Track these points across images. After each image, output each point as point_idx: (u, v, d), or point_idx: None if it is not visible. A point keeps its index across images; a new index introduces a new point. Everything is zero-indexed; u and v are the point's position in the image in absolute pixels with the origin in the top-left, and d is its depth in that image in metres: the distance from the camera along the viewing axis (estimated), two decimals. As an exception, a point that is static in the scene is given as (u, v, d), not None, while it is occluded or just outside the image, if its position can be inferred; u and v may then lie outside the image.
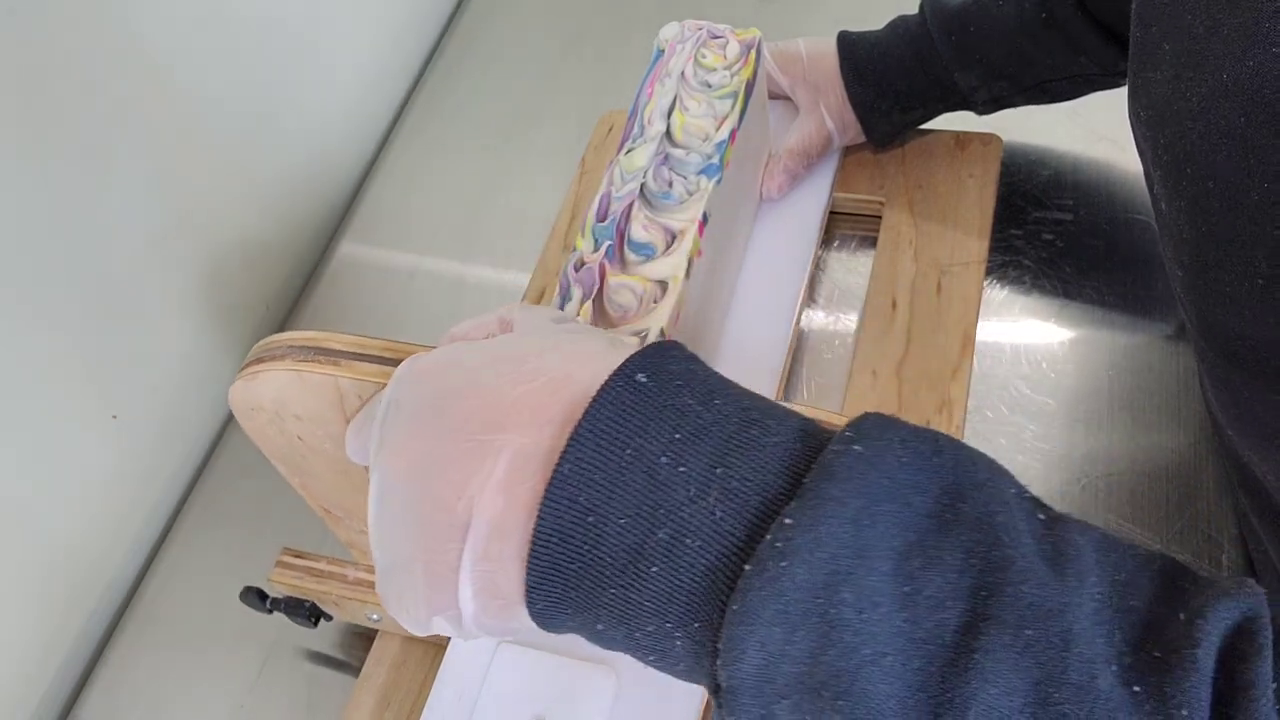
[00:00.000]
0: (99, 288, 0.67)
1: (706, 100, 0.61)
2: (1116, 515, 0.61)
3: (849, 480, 0.29)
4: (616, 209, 0.56)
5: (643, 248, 0.56)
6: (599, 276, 0.54)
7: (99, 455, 0.70)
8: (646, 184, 0.58)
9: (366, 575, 0.59)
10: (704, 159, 0.59)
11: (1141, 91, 0.43)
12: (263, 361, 0.44)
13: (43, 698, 0.68)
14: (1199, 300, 0.41)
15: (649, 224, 0.56)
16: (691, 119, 0.60)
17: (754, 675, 0.28)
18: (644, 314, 0.53)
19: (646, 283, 0.54)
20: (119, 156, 0.67)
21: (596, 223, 0.56)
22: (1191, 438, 0.63)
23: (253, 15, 0.78)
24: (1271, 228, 0.35)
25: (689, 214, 0.57)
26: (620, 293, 0.54)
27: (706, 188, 0.58)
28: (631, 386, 0.31)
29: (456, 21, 1.01)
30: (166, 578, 0.72)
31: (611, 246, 0.55)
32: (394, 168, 0.91)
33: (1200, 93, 0.38)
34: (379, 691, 0.61)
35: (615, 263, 0.55)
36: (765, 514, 0.29)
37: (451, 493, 0.32)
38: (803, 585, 0.28)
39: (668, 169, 0.59)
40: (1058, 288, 0.71)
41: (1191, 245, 0.40)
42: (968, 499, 0.30)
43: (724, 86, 0.61)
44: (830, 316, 0.73)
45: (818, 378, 0.70)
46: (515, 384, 0.32)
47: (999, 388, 0.67)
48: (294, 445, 0.48)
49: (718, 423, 0.31)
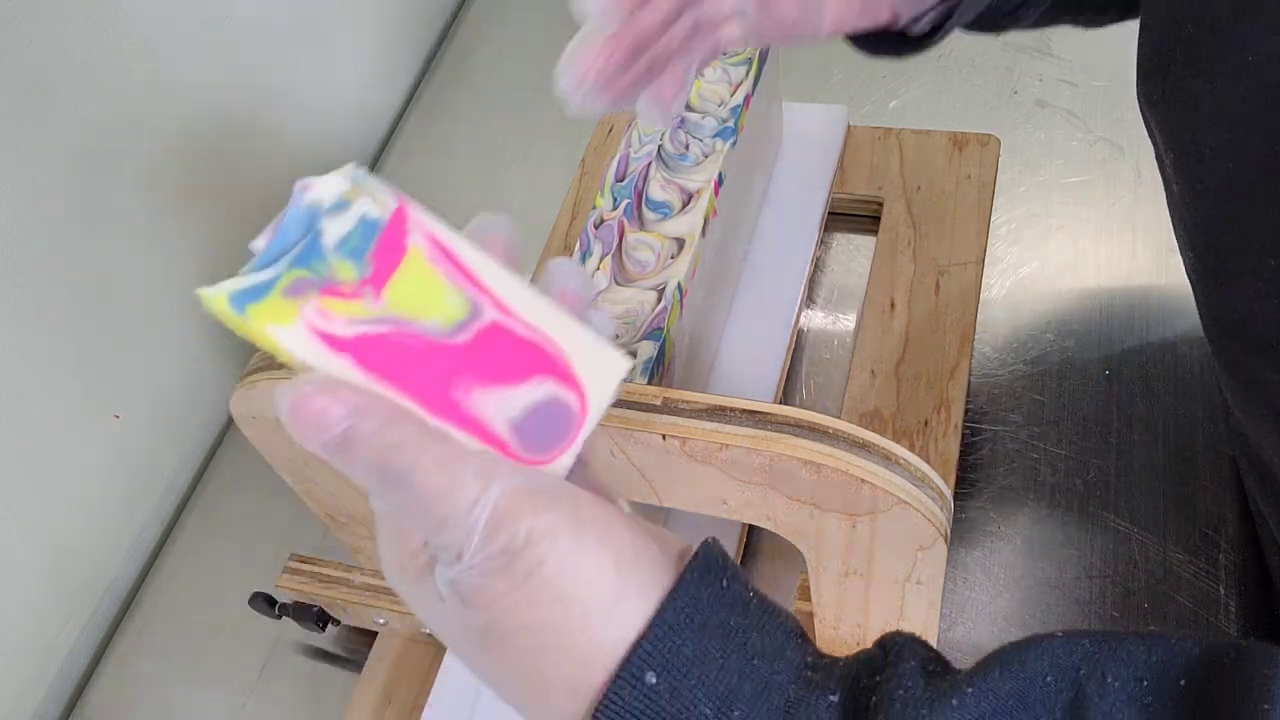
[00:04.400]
0: (100, 288, 0.68)
1: (722, 66, 0.64)
2: (1116, 515, 0.62)
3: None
4: (635, 169, 0.59)
5: (660, 206, 0.58)
6: (618, 233, 0.56)
7: (100, 455, 0.70)
8: (664, 146, 0.60)
9: (372, 580, 0.60)
10: (719, 123, 0.61)
11: (1156, 75, 0.42)
12: (262, 370, 0.44)
13: (44, 698, 0.69)
14: (1209, 282, 0.41)
15: (666, 184, 0.59)
16: (707, 84, 0.63)
17: None
18: (661, 269, 0.55)
19: (664, 240, 0.56)
20: (119, 156, 0.67)
21: (615, 182, 0.59)
22: (1192, 438, 0.64)
23: (254, 16, 0.78)
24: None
25: (705, 175, 0.59)
26: (639, 249, 0.56)
27: (722, 150, 0.60)
28: (640, 694, 0.29)
29: (457, 23, 1.01)
30: (168, 578, 0.73)
31: (630, 205, 0.58)
32: (394, 169, 0.91)
33: (1222, 75, 0.37)
34: (380, 690, 0.61)
35: (634, 221, 0.58)
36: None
37: None
38: None
39: (684, 132, 0.61)
40: (1056, 288, 0.71)
41: (1204, 228, 0.40)
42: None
43: (739, 53, 0.64)
44: (829, 316, 0.73)
45: (817, 378, 0.70)
46: (527, 675, 0.31)
47: (997, 388, 0.68)
48: (296, 453, 0.48)
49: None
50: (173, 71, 0.71)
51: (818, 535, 0.43)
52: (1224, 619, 0.58)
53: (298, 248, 0.33)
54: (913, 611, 0.46)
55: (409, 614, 0.59)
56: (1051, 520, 0.62)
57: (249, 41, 0.78)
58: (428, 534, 0.30)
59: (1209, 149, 0.39)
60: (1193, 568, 0.59)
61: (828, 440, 0.39)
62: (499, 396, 0.33)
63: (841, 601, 0.47)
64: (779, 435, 0.40)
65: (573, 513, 0.30)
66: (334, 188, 0.33)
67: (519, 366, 0.33)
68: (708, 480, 0.42)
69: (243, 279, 0.33)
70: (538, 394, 0.33)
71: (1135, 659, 0.30)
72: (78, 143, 0.64)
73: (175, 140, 0.72)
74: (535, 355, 0.33)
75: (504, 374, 0.33)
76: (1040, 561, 0.61)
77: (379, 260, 0.33)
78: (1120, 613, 0.59)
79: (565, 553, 0.30)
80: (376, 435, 0.29)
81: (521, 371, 0.33)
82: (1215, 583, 0.59)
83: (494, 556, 0.29)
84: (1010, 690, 0.30)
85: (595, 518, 0.31)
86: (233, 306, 0.32)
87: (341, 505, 0.52)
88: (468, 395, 0.32)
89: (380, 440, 0.29)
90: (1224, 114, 0.37)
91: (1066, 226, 0.74)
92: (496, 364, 0.33)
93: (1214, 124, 0.38)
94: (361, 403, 0.30)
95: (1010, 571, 0.61)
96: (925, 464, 0.40)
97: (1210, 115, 0.38)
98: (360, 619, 0.62)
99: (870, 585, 0.45)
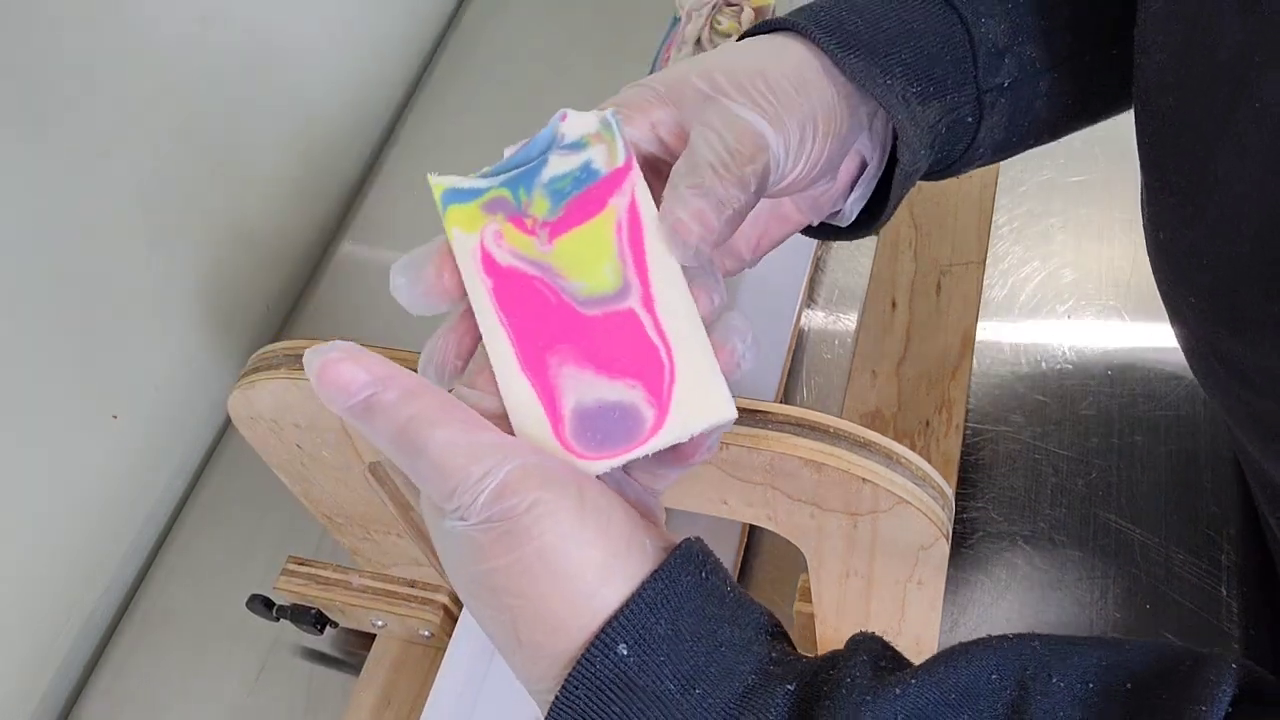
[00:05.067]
0: (99, 287, 0.67)
1: None
2: (1118, 515, 0.61)
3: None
4: None
5: None
6: None
7: (99, 455, 0.70)
8: None
9: (371, 582, 0.60)
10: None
11: (1159, 115, 0.40)
12: (260, 371, 0.44)
13: (42, 698, 0.68)
14: (1208, 321, 0.41)
15: None
16: None
17: None
18: None
19: None
20: (119, 156, 0.67)
21: None
22: (1194, 438, 0.63)
23: (253, 14, 0.78)
24: None
25: None
26: None
27: None
28: (610, 663, 0.31)
29: (457, 21, 1.01)
30: (167, 578, 0.72)
31: None
32: (394, 168, 0.91)
33: (1238, 120, 0.36)
34: (379, 691, 0.61)
35: None
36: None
37: None
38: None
39: None
40: (1057, 287, 0.71)
41: (1214, 270, 0.39)
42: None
43: None
44: (830, 316, 0.73)
45: (817, 377, 0.70)
46: (514, 628, 0.32)
47: (999, 388, 0.67)
48: (294, 453, 0.48)
49: (696, 715, 0.30)
50: (172, 72, 0.71)
51: (819, 535, 0.43)
52: (1226, 619, 0.58)
53: (520, 170, 0.35)
54: (914, 612, 0.46)
55: (407, 616, 0.59)
56: (1053, 520, 0.62)
57: (248, 42, 0.78)
58: (437, 499, 0.32)
59: (1223, 191, 0.37)
60: (1195, 568, 0.59)
61: (829, 439, 0.39)
62: (586, 380, 0.33)
63: (842, 602, 0.47)
64: (780, 434, 0.39)
65: (578, 496, 0.32)
66: (580, 126, 0.35)
67: (623, 363, 0.33)
68: (708, 480, 0.42)
69: (464, 180, 0.35)
70: (619, 395, 0.33)
71: (1085, 661, 0.31)
72: (78, 142, 0.64)
73: (175, 140, 0.72)
74: (646, 360, 0.33)
75: (605, 362, 0.33)
76: (1042, 562, 0.61)
77: (572, 209, 0.34)
78: (1122, 613, 0.58)
79: (564, 530, 0.31)
80: (396, 406, 0.31)
81: (622, 368, 0.33)
82: (1217, 583, 0.59)
83: (494, 520, 0.31)
84: (954, 684, 0.31)
85: (597, 505, 0.32)
86: (442, 199, 0.35)
87: (339, 506, 0.52)
88: (560, 364, 0.33)
89: (400, 411, 0.31)
90: (1240, 157, 0.36)
91: (1069, 226, 0.74)
92: (605, 350, 0.33)
93: (1230, 168, 0.37)
94: (385, 373, 0.31)
95: (1012, 572, 0.61)
96: (927, 463, 0.40)
97: (1223, 159, 0.37)
98: (358, 621, 0.62)
99: (871, 585, 0.45)
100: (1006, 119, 0.46)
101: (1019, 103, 0.46)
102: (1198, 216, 0.39)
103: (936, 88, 0.43)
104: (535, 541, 0.31)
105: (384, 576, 0.60)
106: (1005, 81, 0.45)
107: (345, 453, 0.47)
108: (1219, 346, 0.41)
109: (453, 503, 0.31)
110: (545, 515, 0.31)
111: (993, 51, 0.44)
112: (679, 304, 0.33)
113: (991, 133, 0.46)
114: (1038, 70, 0.46)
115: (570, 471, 0.32)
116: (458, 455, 0.31)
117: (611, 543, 0.32)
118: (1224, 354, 0.41)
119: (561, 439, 0.33)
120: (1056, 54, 0.46)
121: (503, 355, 0.34)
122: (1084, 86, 0.48)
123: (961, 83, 0.44)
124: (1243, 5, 0.35)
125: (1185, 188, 0.39)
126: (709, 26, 0.63)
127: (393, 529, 0.54)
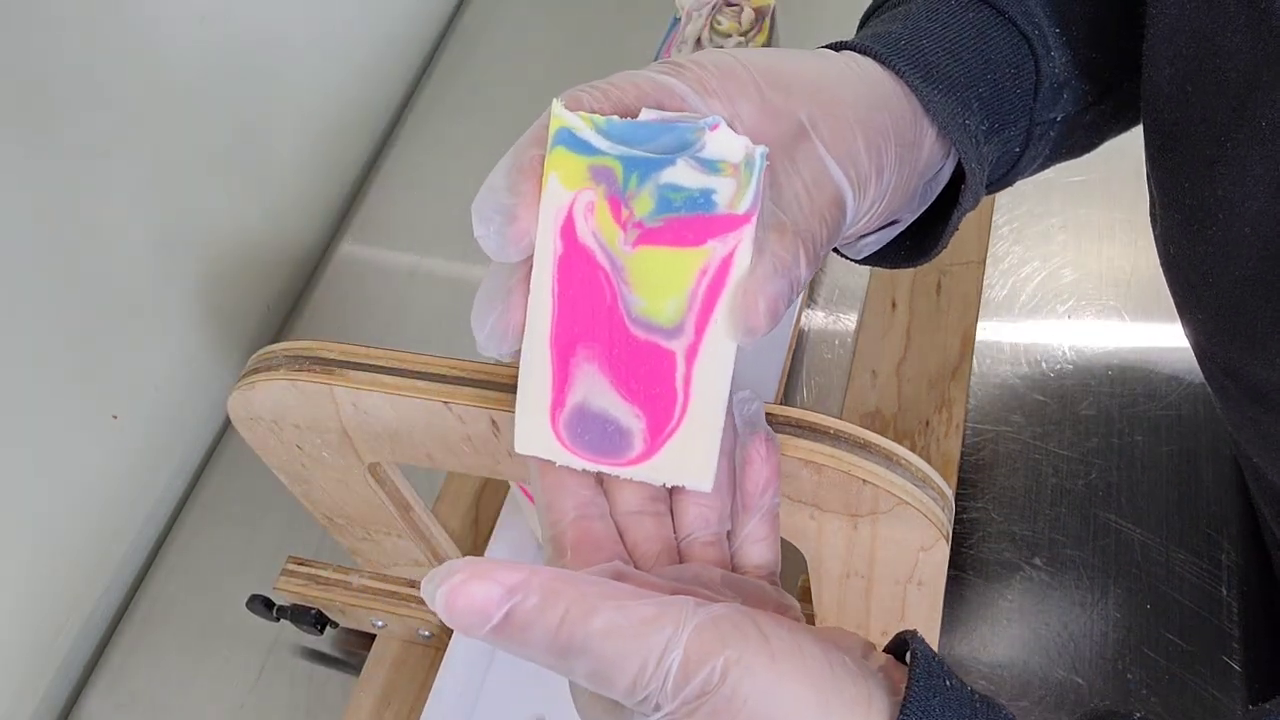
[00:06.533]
0: (99, 287, 0.67)
1: None
2: (1118, 516, 0.61)
3: None
4: None
5: None
6: None
7: (99, 455, 0.70)
8: None
9: (370, 582, 0.60)
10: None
11: (1169, 146, 0.40)
12: (259, 372, 0.44)
13: (42, 698, 0.68)
14: (1221, 338, 0.40)
15: None
16: None
17: None
18: None
19: None
20: (119, 156, 0.67)
21: None
22: (1194, 438, 0.63)
23: (253, 15, 0.78)
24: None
25: None
26: None
27: None
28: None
29: (457, 21, 1.01)
30: (166, 578, 0.72)
31: None
32: (394, 168, 0.91)
33: (1241, 143, 0.35)
34: (379, 691, 0.61)
35: None
36: None
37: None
38: None
39: None
40: (1057, 287, 0.71)
41: (1225, 291, 0.39)
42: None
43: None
44: (830, 316, 0.72)
45: (818, 377, 0.70)
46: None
47: (999, 388, 0.67)
48: (294, 454, 0.48)
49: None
50: (172, 72, 0.71)
51: (818, 536, 0.43)
52: (1226, 619, 0.58)
53: (646, 151, 0.33)
54: (914, 613, 0.46)
55: (407, 616, 0.59)
56: (1053, 520, 0.62)
57: (247, 43, 0.78)
58: (620, 695, 0.29)
59: (1233, 213, 0.37)
60: (1195, 568, 0.59)
61: (829, 440, 0.39)
62: (601, 387, 0.33)
63: (842, 603, 0.47)
64: (780, 435, 0.39)
65: (761, 640, 0.29)
66: (723, 149, 0.33)
67: (641, 392, 0.33)
68: (708, 481, 0.42)
69: (586, 127, 0.33)
70: (622, 416, 0.33)
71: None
72: (78, 143, 0.64)
73: (175, 140, 0.72)
74: (662, 402, 0.33)
75: (626, 381, 0.33)
76: (1042, 562, 0.61)
77: (671, 226, 0.32)
78: (1122, 614, 0.58)
79: (764, 685, 0.28)
80: (543, 611, 0.28)
81: (637, 396, 0.33)
82: (1217, 583, 0.59)
83: (690, 701, 0.28)
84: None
85: (783, 639, 0.29)
86: (557, 135, 0.33)
87: (339, 507, 0.52)
88: (586, 359, 0.33)
89: (549, 616, 0.28)
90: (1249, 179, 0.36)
91: (1069, 226, 0.74)
92: (632, 371, 0.33)
93: (1240, 189, 0.36)
94: (517, 579, 0.28)
95: (1012, 572, 0.61)
96: (927, 464, 0.40)
97: (1232, 181, 0.37)
98: (358, 621, 0.62)
99: (871, 586, 0.45)
100: (1049, 149, 0.45)
101: (1063, 132, 0.45)
102: (1202, 235, 0.38)
103: (1000, 123, 0.42)
104: (744, 710, 0.28)
105: (384, 576, 0.60)
106: (1058, 116, 0.44)
107: (345, 453, 0.47)
108: (1229, 361, 0.41)
109: (638, 694, 0.28)
110: (744, 678, 0.28)
111: (1054, 86, 0.43)
112: (718, 374, 0.33)
113: (1031, 162, 0.45)
114: (1088, 104, 0.45)
115: (735, 610, 0.30)
116: (626, 641, 0.28)
117: (816, 675, 0.29)
118: (1234, 369, 0.41)
119: (554, 420, 0.33)
120: (1105, 86, 0.45)
121: (539, 322, 0.33)
122: (1122, 113, 0.47)
123: (1019, 116, 0.42)
124: (1251, 21, 0.34)
125: (1190, 204, 0.39)
126: (709, 26, 0.63)
127: (393, 529, 0.54)
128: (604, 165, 0.33)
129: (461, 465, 0.45)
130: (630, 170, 0.32)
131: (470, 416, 0.41)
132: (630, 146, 0.33)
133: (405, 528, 0.53)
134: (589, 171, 0.33)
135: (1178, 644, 0.57)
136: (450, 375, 0.42)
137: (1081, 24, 0.43)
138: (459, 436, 0.43)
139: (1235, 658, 0.56)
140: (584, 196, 0.32)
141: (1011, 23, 0.41)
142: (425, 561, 0.57)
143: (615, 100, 0.34)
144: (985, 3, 0.42)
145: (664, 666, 0.28)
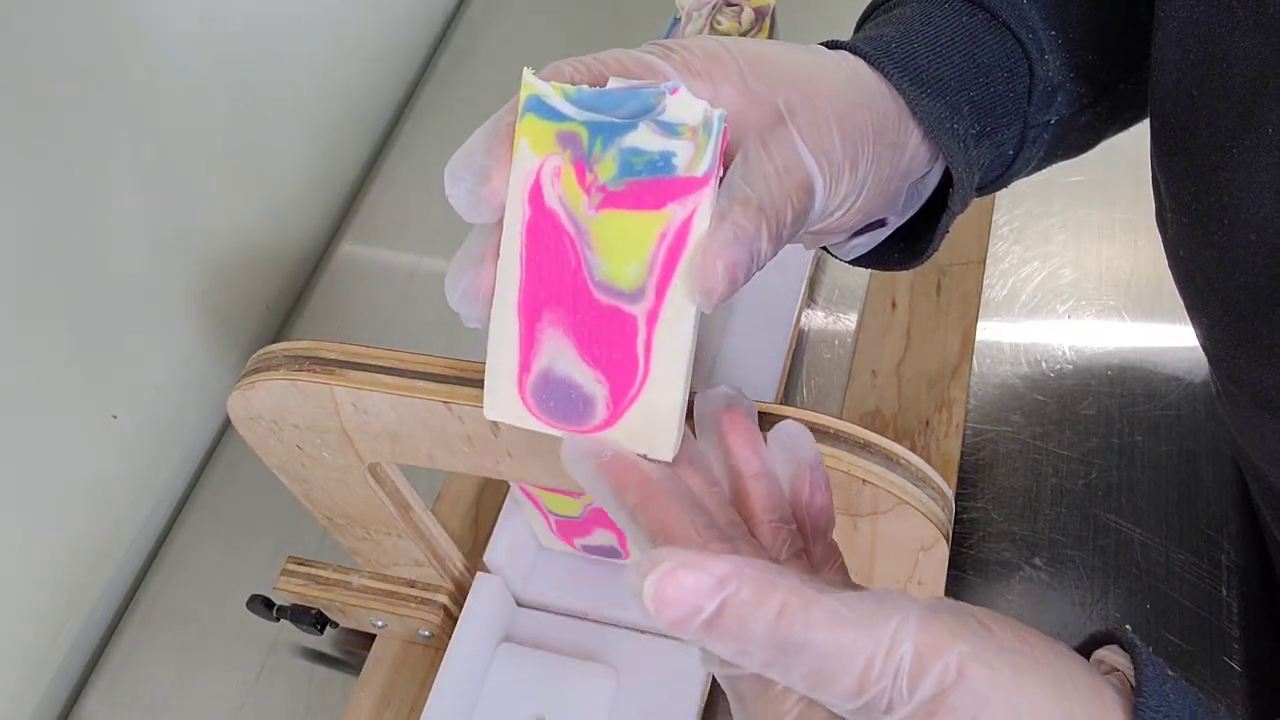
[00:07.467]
0: (99, 287, 0.67)
1: None
2: (1118, 515, 0.61)
3: None
4: None
5: None
6: None
7: (99, 455, 0.70)
8: None
9: (370, 582, 0.60)
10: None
11: (1179, 147, 0.40)
12: (259, 372, 0.44)
13: (42, 698, 0.68)
14: (1230, 347, 0.40)
15: None
16: None
17: None
18: None
19: None
20: (119, 157, 0.67)
21: None
22: (1194, 438, 0.63)
23: (253, 14, 0.78)
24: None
25: None
26: None
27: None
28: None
29: (457, 21, 1.01)
30: (166, 578, 0.72)
31: None
32: (394, 168, 0.91)
33: (1246, 149, 0.35)
34: (379, 691, 0.61)
35: None
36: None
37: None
38: None
39: None
40: (1057, 287, 0.71)
41: (1239, 298, 0.38)
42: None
43: None
44: (830, 316, 0.72)
45: (818, 377, 0.70)
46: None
47: (999, 388, 0.67)
48: (294, 454, 0.48)
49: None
50: (172, 72, 0.71)
51: (818, 536, 0.43)
52: (1226, 619, 0.58)
53: (611, 118, 0.33)
54: (914, 613, 0.46)
55: (407, 616, 0.59)
56: (1053, 520, 0.62)
57: (247, 42, 0.78)
58: (841, 697, 0.26)
59: (1221, 211, 0.37)
60: (1195, 568, 0.59)
61: (829, 440, 0.39)
62: (565, 351, 0.33)
63: (842, 602, 0.47)
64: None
65: (986, 633, 0.27)
66: (682, 112, 0.33)
67: (604, 357, 0.33)
68: (708, 481, 0.42)
69: (555, 95, 0.33)
70: (586, 382, 0.33)
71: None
72: (78, 143, 0.64)
73: (175, 140, 0.72)
74: (624, 367, 0.33)
75: (589, 346, 0.33)
76: (1042, 562, 0.61)
77: (632, 190, 0.32)
78: (1122, 614, 0.58)
79: (1004, 682, 0.26)
80: (761, 602, 0.25)
81: (600, 361, 0.33)
82: (1217, 583, 0.59)
83: (929, 701, 0.25)
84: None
85: (1005, 630, 0.27)
86: (527, 104, 0.34)
87: (339, 507, 0.52)
88: (552, 323, 0.33)
89: (767, 606, 0.25)
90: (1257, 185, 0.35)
91: (1069, 226, 0.74)
92: (595, 336, 0.33)
93: (1250, 194, 0.36)
94: (729, 568, 0.26)
95: (1012, 572, 0.61)
96: (926, 464, 0.40)
97: (1242, 186, 0.36)
98: (358, 622, 0.62)
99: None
100: (1044, 150, 0.45)
101: (1058, 134, 0.45)
102: (1209, 239, 0.38)
103: (992, 126, 0.41)
104: (986, 710, 0.25)
105: (384, 576, 0.60)
106: (1053, 119, 0.43)
107: (345, 453, 0.47)
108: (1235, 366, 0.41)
109: (866, 693, 0.25)
110: (982, 674, 0.25)
111: (1048, 89, 0.42)
112: (677, 339, 0.33)
113: (1026, 164, 0.45)
114: (1084, 106, 0.44)
115: (948, 600, 0.27)
116: (850, 633, 0.25)
117: (1048, 670, 0.27)
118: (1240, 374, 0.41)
119: (521, 386, 0.34)
120: (1102, 87, 0.44)
121: (507, 286, 0.33)
122: (1119, 113, 0.47)
123: (1012, 120, 0.42)
124: (1258, 25, 0.34)
125: (1196, 209, 0.38)
126: (709, 26, 0.63)
127: (393, 529, 0.54)
128: (571, 131, 0.33)
129: (461, 465, 0.44)
130: (595, 135, 0.33)
131: (470, 416, 0.41)
132: (596, 113, 0.33)
133: (405, 528, 0.53)
134: (556, 137, 0.33)
135: (1178, 644, 0.57)
136: (450, 375, 0.42)
137: (1081, 26, 0.43)
138: (459, 436, 0.43)
139: (1235, 658, 0.56)
140: (551, 161, 0.33)
141: (1005, 27, 0.41)
142: (425, 561, 0.57)
143: (596, 73, 0.35)
144: (980, 7, 0.42)
145: (893, 661, 0.25)
